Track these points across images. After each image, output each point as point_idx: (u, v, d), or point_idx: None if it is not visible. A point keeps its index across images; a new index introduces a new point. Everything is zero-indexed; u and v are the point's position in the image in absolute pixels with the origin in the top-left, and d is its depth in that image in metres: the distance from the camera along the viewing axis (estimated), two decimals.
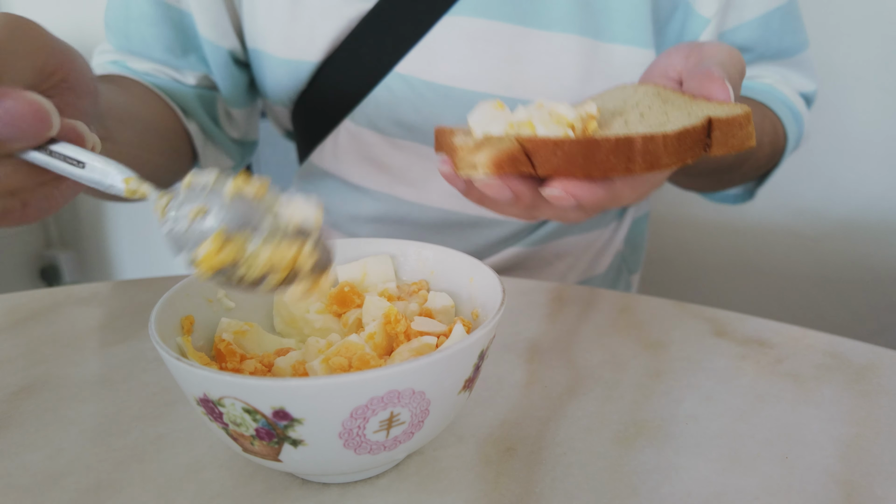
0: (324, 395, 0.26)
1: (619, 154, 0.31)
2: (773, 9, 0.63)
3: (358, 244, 0.41)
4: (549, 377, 0.41)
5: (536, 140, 0.32)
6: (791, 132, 0.66)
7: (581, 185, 0.32)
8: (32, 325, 0.49)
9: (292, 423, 0.27)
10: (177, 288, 0.34)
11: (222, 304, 0.37)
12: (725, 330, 0.47)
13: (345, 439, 0.27)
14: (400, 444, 0.29)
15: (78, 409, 0.39)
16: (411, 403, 0.28)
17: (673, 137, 0.31)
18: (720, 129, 0.32)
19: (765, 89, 0.67)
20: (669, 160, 0.32)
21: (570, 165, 0.31)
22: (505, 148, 0.32)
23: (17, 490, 0.32)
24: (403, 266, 0.40)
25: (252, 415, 0.27)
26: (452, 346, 0.28)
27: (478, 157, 0.33)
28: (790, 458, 0.34)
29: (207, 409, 0.28)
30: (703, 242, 1.25)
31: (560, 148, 0.31)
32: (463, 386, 0.30)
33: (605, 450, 0.35)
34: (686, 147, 0.32)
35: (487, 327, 0.29)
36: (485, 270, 0.36)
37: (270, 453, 0.28)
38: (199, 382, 0.27)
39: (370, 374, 0.26)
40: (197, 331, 0.35)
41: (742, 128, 0.33)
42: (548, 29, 0.58)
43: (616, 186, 0.33)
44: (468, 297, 0.37)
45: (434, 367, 0.27)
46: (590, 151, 0.31)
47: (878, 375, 0.42)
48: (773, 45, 0.65)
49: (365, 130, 0.63)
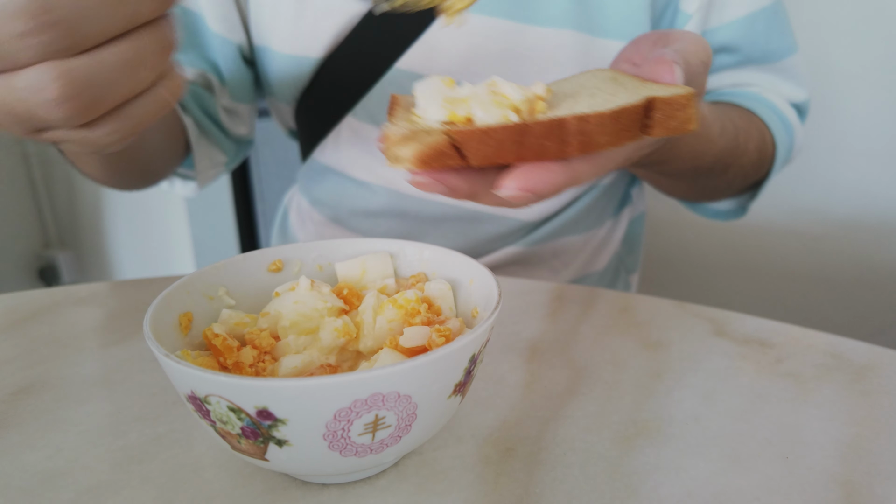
0: (306, 397, 0.26)
1: (551, 137, 0.30)
2: (758, 10, 0.63)
3: (357, 244, 0.41)
4: (549, 377, 0.41)
5: (464, 132, 0.30)
6: (780, 140, 0.65)
7: (536, 175, 0.30)
8: (31, 326, 0.49)
9: (276, 423, 0.26)
10: (175, 285, 0.34)
11: (223, 301, 0.37)
12: (725, 330, 0.47)
13: (329, 441, 0.27)
14: (387, 447, 0.29)
15: (77, 409, 0.39)
16: (397, 407, 0.27)
17: (608, 116, 0.30)
18: (660, 110, 0.31)
19: (752, 96, 0.66)
20: (605, 140, 0.30)
21: (501, 153, 0.30)
22: (431, 142, 0.30)
23: (17, 490, 0.32)
24: (402, 265, 0.40)
25: (237, 413, 0.27)
26: (440, 350, 0.27)
27: (403, 151, 0.30)
28: (790, 458, 0.34)
29: (196, 405, 0.28)
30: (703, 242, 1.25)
31: (489, 136, 0.29)
32: (453, 390, 0.30)
33: (605, 450, 0.35)
34: (622, 127, 0.30)
35: (478, 331, 0.29)
36: (483, 272, 0.35)
37: (257, 452, 0.28)
38: (185, 380, 0.27)
39: (353, 377, 0.26)
40: (196, 327, 0.35)
41: (683, 108, 0.31)
42: (544, 25, 0.59)
43: (573, 166, 0.31)
44: (468, 297, 0.37)
45: (420, 371, 0.27)
46: (520, 136, 0.29)
47: (878, 375, 0.42)
48: (758, 47, 0.64)
49: (367, 126, 0.64)
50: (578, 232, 0.71)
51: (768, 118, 0.65)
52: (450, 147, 0.30)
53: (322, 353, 0.33)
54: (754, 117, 0.64)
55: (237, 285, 0.38)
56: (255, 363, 0.33)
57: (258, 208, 1.61)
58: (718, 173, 0.61)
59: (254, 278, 0.39)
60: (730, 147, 0.58)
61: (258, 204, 1.61)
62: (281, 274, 0.40)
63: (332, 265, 0.40)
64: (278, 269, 0.39)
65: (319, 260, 0.40)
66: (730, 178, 0.64)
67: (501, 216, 0.67)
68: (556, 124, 0.29)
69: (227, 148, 0.70)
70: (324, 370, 0.33)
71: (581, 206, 0.70)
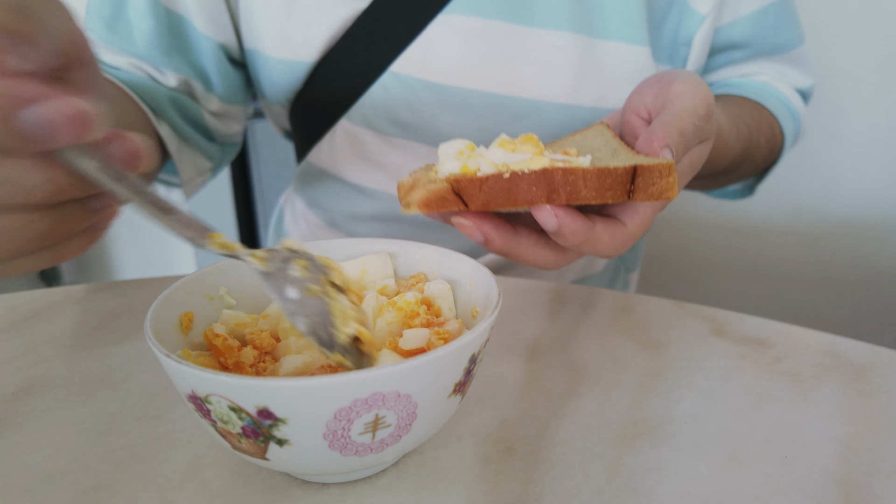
0: (307, 396, 0.26)
1: (540, 185, 0.34)
2: (767, 4, 0.63)
3: (357, 243, 0.41)
4: (549, 377, 0.41)
5: (463, 179, 0.34)
6: (788, 130, 0.67)
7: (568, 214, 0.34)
8: (32, 326, 0.49)
9: (276, 422, 0.27)
10: (176, 285, 0.35)
11: (223, 301, 0.37)
12: (724, 329, 0.47)
13: (329, 440, 0.27)
14: (387, 446, 0.29)
15: (78, 409, 0.39)
16: (397, 406, 0.27)
17: (593, 172, 0.34)
18: (642, 176, 0.34)
19: (761, 87, 0.67)
20: (589, 194, 0.34)
21: (495, 198, 0.34)
22: (434, 189, 0.35)
23: (17, 490, 0.32)
24: (402, 265, 0.40)
25: (238, 413, 0.27)
26: (440, 350, 0.27)
27: (411, 197, 0.36)
28: (789, 458, 0.34)
29: (196, 405, 0.28)
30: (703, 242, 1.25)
31: (485, 183, 0.34)
32: (453, 390, 0.30)
33: (605, 449, 0.35)
34: (606, 185, 0.34)
35: (478, 331, 0.29)
36: (482, 271, 0.36)
37: (258, 451, 0.28)
38: (186, 379, 0.27)
39: (353, 376, 0.26)
40: (196, 327, 0.35)
41: (663, 176, 0.34)
42: (542, 27, 0.58)
43: (597, 229, 0.35)
44: (467, 297, 0.37)
45: (420, 371, 0.27)
46: (512, 184, 0.34)
47: (877, 375, 0.42)
48: (768, 41, 0.65)
49: (361, 129, 0.63)
50: None
51: (777, 110, 0.66)
52: (451, 193, 0.35)
53: (322, 354, 0.34)
54: (764, 111, 0.65)
55: (238, 285, 0.38)
56: (255, 363, 0.33)
57: (258, 208, 1.61)
58: (732, 171, 0.64)
59: (254, 279, 0.39)
60: (744, 148, 0.61)
61: (258, 204, 1.61)
62: None
63: None
64: None
65: None
66: (742, 172, 0.66)
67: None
68: (544, 174, 0.34)
69: (212, 154, 0.68)
70: (324, 370, 0.33)
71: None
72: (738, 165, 0.63)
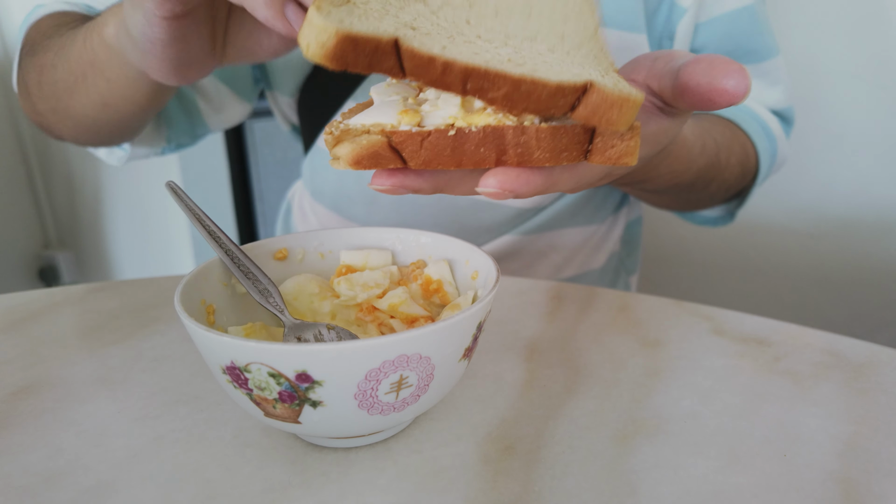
0: (342, 358, 0.29)
1: (489, 145, 0.29)
2: (741, 7, 0.64)
3: (357, 233, 0.43)
4: (548, 376, 0.42)
5: (403, 133, 0.29)
6: (762, 150, 0.66)
7: (516, 175, 0.30)
8: (31, 326, 0.49)
9: (313, 385, 0.29)
10: (195, 271, 0.37)
11: (234, 289, 0.39)
12: (724, 328, 0.47)
13: (359, 400, 0.30)
14: (408, 405, 0.32)
15: (77, 409, 0.39)
16: (418, 367, 0.31)
17: (546, 131, 0.29)
18: (601, 137, 0.30)
19: (737, 106, 0.67)
20: (543, 155, 0.30)
21: (439, 158, 0.29)
22: (366, 144, 0.29)
23: (17, 490, 0.32)
24: (402, 253, 0.43)
25: (276, 378, 0.29)
26: (455, 316, 0.31)
27: (339, 150, 0.30)
28: (789, 457, 0.34)
29: (233, 376, 0.30)
30: (702, 241, 1.25)
31: (427, 140, 0.29)
32: (463, 354, 0.33)
33: (604, 448, 0.35)
34: (561, 146, 0.30)
35: (484, 300, 0.33)
36: (479, 253, 0.38)
37: (291, 415, 0.31)
38: (226, 351, 0.29)
39: (383, 340, 0.29)
40: (219, 317, 0.38)
41: (623, 139, 0.30)
42: None
43: (554, 173, 0.31)
44: (465, 279, 0.40)
45: (439, 335, 0.31)
46: (458, 143, 0.29)
47: (876, 373, 0.42)
48: (742, 45, 0.65)
49: None
50: (575, 224, 0.72)
51: (752, 130, 0.66)
52: (387, 149, 0.29)
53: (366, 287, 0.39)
54: (738, 130, 0.65)
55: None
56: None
57: (257, 208, 1.62)
58: (700, 188, 0.62)
59: (263, 266, 0.42)
60: (710, 164, 0.59)
61: (257, 204, 1.61)
62: (286, 262, 0.42)
63: (334, 253, 0.43)
64: (284, 256, 0.42)
65: (321, 248, 0.43)
66: (712, 192, 0.65)
67: (497, 204, 0.67)
68: (493, 132, 0.29)
69: (172, 138, 0.69)
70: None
71: (576, 197, 0.70)
72: (705, 183, 0.61)
